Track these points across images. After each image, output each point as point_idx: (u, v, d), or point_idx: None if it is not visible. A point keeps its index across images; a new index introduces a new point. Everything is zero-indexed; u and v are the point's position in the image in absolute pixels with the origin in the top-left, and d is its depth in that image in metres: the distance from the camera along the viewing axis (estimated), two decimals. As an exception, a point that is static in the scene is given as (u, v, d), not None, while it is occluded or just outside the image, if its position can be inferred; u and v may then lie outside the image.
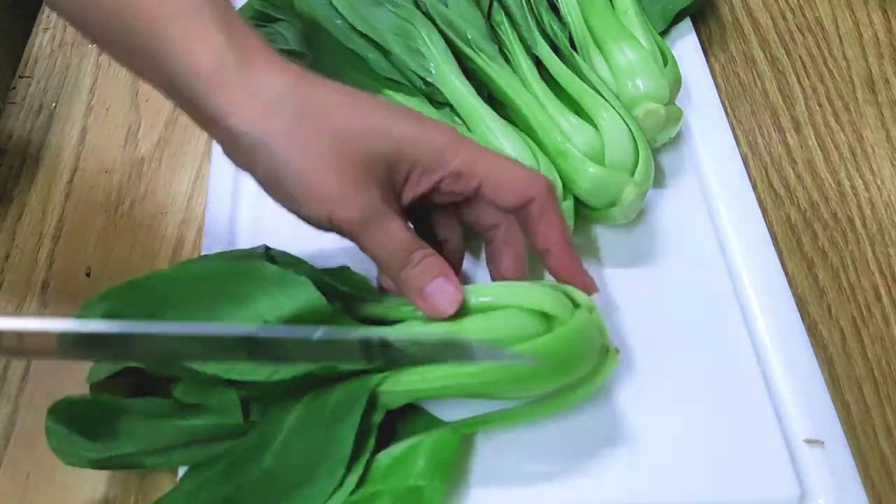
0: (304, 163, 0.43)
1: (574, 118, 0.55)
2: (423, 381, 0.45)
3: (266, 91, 0.43)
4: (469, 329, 0.45)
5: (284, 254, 0.50)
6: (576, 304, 0.47)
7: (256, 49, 0.44)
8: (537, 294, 0.46)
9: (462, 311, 0.45)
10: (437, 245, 0.49)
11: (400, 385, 0.45)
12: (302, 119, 0.43)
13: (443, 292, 0.45)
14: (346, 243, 0.46)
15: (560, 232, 0.47)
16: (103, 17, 0.45)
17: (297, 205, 0.44)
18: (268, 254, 0.49)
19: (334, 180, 0.43)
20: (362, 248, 0.45)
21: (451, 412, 0.48)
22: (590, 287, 0.48)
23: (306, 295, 0.44)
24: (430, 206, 0.48)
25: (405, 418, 0.48)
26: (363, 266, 0.49)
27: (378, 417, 0.45)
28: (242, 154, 0.44)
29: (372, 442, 0.45)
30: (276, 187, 0.44)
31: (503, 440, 0.49)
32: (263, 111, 0.43)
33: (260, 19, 0.62)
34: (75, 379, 0.48)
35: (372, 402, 0.45)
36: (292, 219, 0.46)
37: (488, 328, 0.45)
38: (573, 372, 0.46)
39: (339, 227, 0.44)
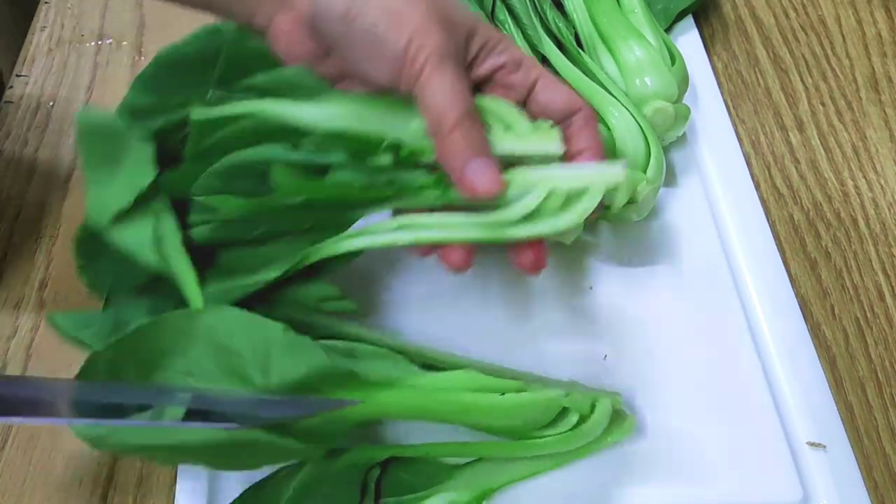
0: None
1: (583, 117, 0.55)
2: (430, 455, 0.46)
3: None
4: (491, 417, 0.45)
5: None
6: None
7: None
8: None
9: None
10: None
11: (409, 453, 0.46)
12: None
13: (483, 173, 0.43)
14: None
15: (597, 139, 0.46)
16: None
17: (376, 34, 0.43)
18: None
19: (422, 11, 0.43)
20: (422, 94, 0.43)
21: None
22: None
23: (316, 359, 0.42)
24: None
25: (401, 462, 0.47)
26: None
27: (375, 474, 0.46)
28: None
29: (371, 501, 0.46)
30: (357, 17, 0.43)
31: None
32: None
33: None
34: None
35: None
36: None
37: (513, 416, 0.45)
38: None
39: (413, 62, 0.43)
